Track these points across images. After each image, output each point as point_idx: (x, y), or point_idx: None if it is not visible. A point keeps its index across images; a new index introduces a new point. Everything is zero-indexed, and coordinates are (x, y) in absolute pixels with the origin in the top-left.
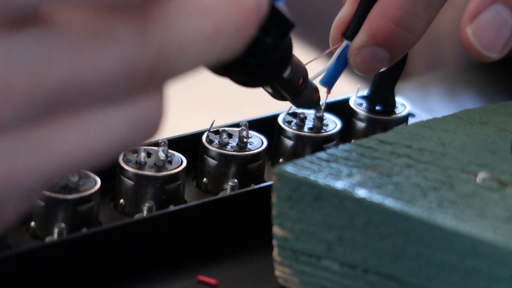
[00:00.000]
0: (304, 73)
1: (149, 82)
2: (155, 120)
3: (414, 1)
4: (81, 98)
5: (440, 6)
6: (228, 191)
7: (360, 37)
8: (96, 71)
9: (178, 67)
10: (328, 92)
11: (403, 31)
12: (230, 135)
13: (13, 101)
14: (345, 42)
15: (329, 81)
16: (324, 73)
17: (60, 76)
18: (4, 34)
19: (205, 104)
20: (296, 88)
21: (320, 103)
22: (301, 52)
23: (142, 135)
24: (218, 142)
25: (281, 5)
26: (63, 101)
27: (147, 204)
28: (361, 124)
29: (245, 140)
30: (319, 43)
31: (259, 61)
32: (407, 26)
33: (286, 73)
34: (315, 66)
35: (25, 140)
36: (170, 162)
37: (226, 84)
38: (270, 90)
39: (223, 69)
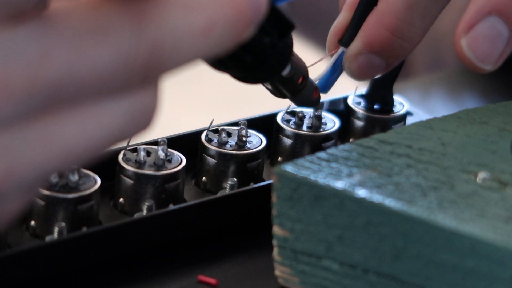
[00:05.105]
0: (304, 72)
1: (145, 76)
2: (150, 113)
3: (411, 11)
4: (79, 92)
5: (437, 15)
6: (227, 190)
7: (356, 44)
8: (93, 65)
9: (173, 61)
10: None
11: (399, 40)
12: (229, 134)
13: (12, 97)
14: (341, 49)
15: (325, 87)
16: (320, 78)
17: (58, 71)
18: (2, 29)
19: (204, 103)
20: (295, 87)
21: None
22: (304, 52)
23: (136, 127)
24: (217, 141)
25: (282, 6)
26: (61, 96)
27: (146, 203)
28: (359, 123)
29: (244, 139)
30: (322, 43)
31: (257, 59)
32: (403, 35)
33: (285, 72)
34: (312, 70)
35: (25, 135)
36: (169, 161)
37: (225, 83)
38: (269, 87)
39: (221, 65)
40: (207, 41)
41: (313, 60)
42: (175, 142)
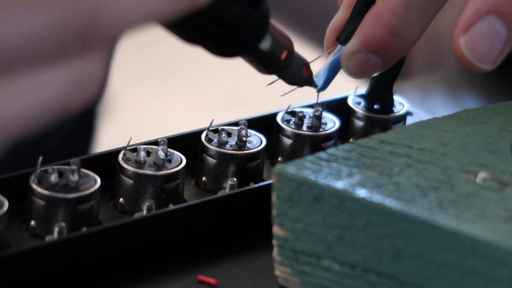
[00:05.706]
0: (288, 46)
1: (83, 42)
2: (92, 80)
3: (408, 9)
4: (10, 60)
5: (435, 14)
6: (227, 190)
7: (354, 42)
8: (23, 31)
9: (114, 26)
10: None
11: (396, 38)
12: (229, 134)
13: None
14: (339, 47)
15: (323, 85)
16: (318, 76)
17: None
18: None
19: (204, 103)
20: (279, 62)
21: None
22: (301, 49)
23: (79, 96)
24: (217, 141)
25: None
26: None
27: (146, 203)
28: (359, 123)
29: (244, 139)
30: (320, 41)
31: (227, 31)
32: (400, 34)
33: (265, 45)
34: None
35: None
36: (169, 161)
37: (225, 83)
38: (251, 63)
39: (191, 37)
40: (151, 6)
41: (311, 58)
42: (175, 142)
